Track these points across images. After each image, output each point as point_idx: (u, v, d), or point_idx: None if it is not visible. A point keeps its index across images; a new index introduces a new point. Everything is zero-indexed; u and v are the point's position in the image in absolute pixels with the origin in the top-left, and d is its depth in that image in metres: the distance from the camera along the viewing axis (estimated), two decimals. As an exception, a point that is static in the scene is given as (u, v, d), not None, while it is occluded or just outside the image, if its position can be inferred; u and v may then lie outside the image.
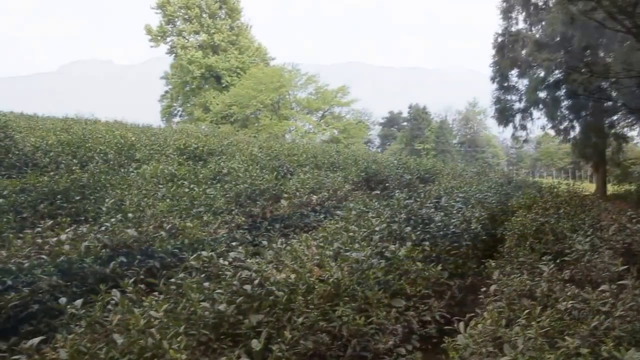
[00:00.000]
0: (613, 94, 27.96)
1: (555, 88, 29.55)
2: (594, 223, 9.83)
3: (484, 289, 6.67)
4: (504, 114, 32.15)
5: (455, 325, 5.12)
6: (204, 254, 6.91)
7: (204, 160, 17.65)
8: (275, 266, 6.48)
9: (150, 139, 20.87)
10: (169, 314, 5.21)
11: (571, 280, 6.90)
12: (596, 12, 19.48)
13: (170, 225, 8.53)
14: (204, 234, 8.54)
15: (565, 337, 4.62)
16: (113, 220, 8.55)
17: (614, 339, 4.65)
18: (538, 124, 32.61)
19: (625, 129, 31.23)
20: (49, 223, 8.32)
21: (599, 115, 29.91)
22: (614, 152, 31.62)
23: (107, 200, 10.21)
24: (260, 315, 5.54)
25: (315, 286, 6.10)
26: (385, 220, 9.38)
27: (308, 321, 5.55)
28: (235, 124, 58.84)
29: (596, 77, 25.91)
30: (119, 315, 5.01)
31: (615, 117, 30.21)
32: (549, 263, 6.99)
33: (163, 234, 8.07)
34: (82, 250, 7.01)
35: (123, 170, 13.92)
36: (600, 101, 28.74)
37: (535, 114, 31.76)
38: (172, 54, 67.54)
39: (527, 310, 5.26)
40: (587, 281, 6.93)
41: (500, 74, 31.46)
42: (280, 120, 58.80)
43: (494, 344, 4.72)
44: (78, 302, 5.34)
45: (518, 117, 32.25)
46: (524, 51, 29.88)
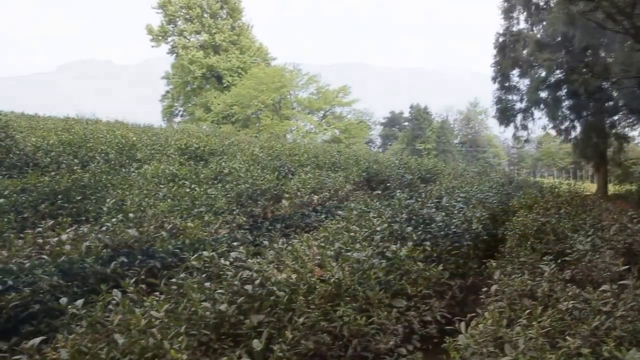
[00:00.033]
0: (614, 94, 28.02)
1: (557, 88, 29.62)
2: (595, 223, 9.82)
3: (485, 289, 6.66)
4: (505, 114, 32.20)
5: (456, 325, 5.12)
6: (205, 254, 6.90)
7: (205, 160, 17.65)
8: (276, 266, 6.48)
9: (152, 138, 20.87)
10: (170, 314, 5.21)
11: (572, 280, 6.90)
12: (597, 12, 19.53)
13: (171, 225, 8.52)
14: (205, 234, 8.53)
15: (567, 337, 4.62)
16: (114, 220, 8.54)
17: (615, 339, 4.65)
18: (539, 124, 32.70)
19: (626, 129, 31.32)
20: (50, 223, 8.32)
21: (600, 115, 29.97)
22: (615, 152, 31.67)
23: (108, 200, 10.20)
24: (261, 315, 5.54)
25: (317, 286, 6.09)
26: (386, 220, 9.38)
27: (309, 321, 5.54)
28: (236, 124, 58.84)
29: (597, 78, 25.99)
30: (120, 316, 5.01)
31: (616, 117, 30.30)
32: (550, 263, 6.99)
33: (164, 234, 8.06)
34: (83, 250, 7.01)
35: (124, 170, 13.92)
36: (601, 101, 28.81)
37: (536, 114, 31.89)
38: (173, 54, 67.56)
39: (528, 310, 5.26)
40: (588, 281, 6.93)
41: (501, 73, 31.52)
42: (281, 120, 58.80)
43: (495, 344, 4.72)
44: (79, 302, 5.34)
45: (519, 117, 32.36)
46: (525, 51, 29.95)
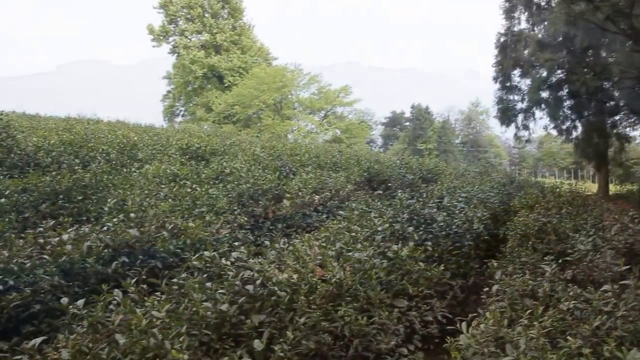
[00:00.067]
0: (615, 94, 28.02)
1: (558, 88, 29.61)
2: (596, 223, 9.81)
3: (486, 289, 6.66)
4: (506, 114, 32.19)
5: (458, 325, 5.12)
6: (206, 254, 6.89)
7: (206, 160, 17.64)
8: (277, 266, 6.47)
9: (153, 138, 20.87)
10: (171, 314, 5.21)
11: (573, 280, 6.90)
12: (597, 13, 19.53)
13: (172, 225, 8.51)
14: (206, 234, 8.52)
15: (568, 337, 4.62)
16: (115, 220, 8.53)
17: (616, 339, 4.64)
18: (540, 124, 32.69)
19: (628, 129, 31.33)
20: (51, 223, 8.32)
21: (601, 116, 29.97)
22: (616, 152, 31.67)
23: (110, 200, 10.19)
24: (263, 315, 5.54)
25: (318, 286, 6.09)
26: (387, 220, 9.37)
27: (310, 321, 5.54)
28: (237, 124, 58.91)
29: (598, 78, 25.98)
30: (121, 316, 5.01)
31: (617, 117, 30.31)
32: (551, 263, 6.98)
33: (165, 234, 8.05)
34: (84, 250, 7.01)
35: (125, 170, 13.91)
36: (603, 101, 28.81)
37: (537, 113, 31.88)
38: (175, 54, 67.61)
39: (530, 310, 5.26)
40: (590, 281, 6.92)
41: (502, 73, 31.50)
42: (282, 120, 58.85)
43: (496, 344, 4.71)
44: (80, 302, 5.34)
45: (520, 117, 32.34)
46: (526, 51, 29.94)
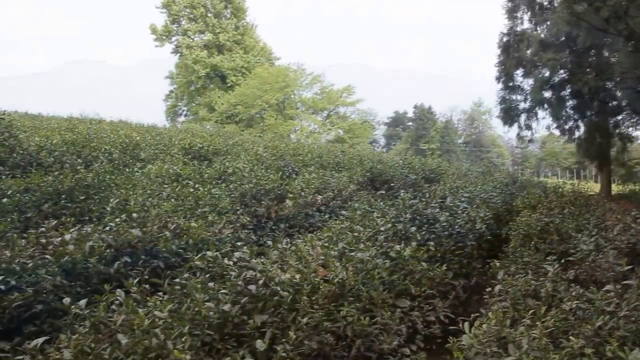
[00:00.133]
0: (618, 94, 27.99)
1: (560, 88, 29.59)
2: (598, 223, 9.80)
3: (489, 289, 6.66)
4: (509, 114, 32.15)
5: (460, 326, 5.11)
6: (209, 254, 6.90)
7: (209, 160, 17.64)
8: (280, 266, 6.47)
9: (155, 138, 20.88)
10: (173, 314, 5.21)
11: (576, 280, 6.89)
12: (599, 13, 19.53)
13: (174, 225, 8.52)
14: (209, 234, 8.53)
15: (570, 337, 4.61)
16: (117, 220, 8.54)
17: (619, 339, 4.64)
18: (543, 124, 32.69)
19: (630, 128, 31.28)
20: (53, 223, 8.33)
21: (603, 115, 29.95)
22: (619, 152, 31.63)
23: (112, 200, 10.20)
24: (265, 315, 5.54)
25: (320, 286, 6.09)
26: (390, 220, 9.37)
27: (312, 321, 5.54)
28: (240, 124, 58.94)
29: (600, 77, 25.95)
30: (123, 316, 5.02)
31: (619, 117, 30.28)
32: (554, 263, 6.97)
33: (167, 234, 8.05)
34: (86, 250, 7.01)
35: (128, 170, 13.91)
36: (605, 101, 28.78)
37: (540, 113, 31.85)
38: (177, 54, 67.63)
39: (532, 310, 5.25)
40: (592, 281, 6.91)
41: (505, 73, 31.46)
42: (285, 120, 58.85)
43: (499, 344, 4.71)
44: (82, 302, 5.34)
45: (523, 117, 32.29)
46: (529, 51, 29.91)
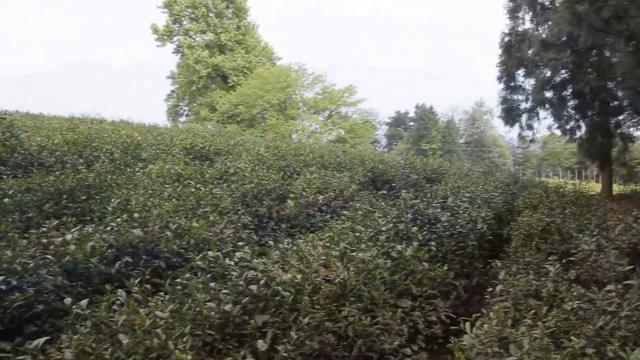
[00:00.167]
0: (619, 94, 27.98)
1: (562, 88, 29.59)
2: (600, 223, 9.80)
3: (490, 289, 6.66)
4: (510, 114, 32.14)
5: (461, 326, 5.11)
6: (210, 254, 6.90)
7: (210, 159, 17.62)
8: (281, 266, 6.47)
9: (157, 138, 20.82)
10: (175, 314, 5.21)
11: (577, 280, 6.89)
12: (600, 13, 19.54)
13: (176, 225, 8.51)
14: (210, 234, 8.52)
15: (571, 337, 4.61)
16: (119, 220, 8.53)
17: (620, 339, 4.64)
18: (544, 124, 32.66)
19: (631, 128, 31.25)
20: (55, 223, 8.32)
21: (605, 115, 29.94)
22: (620, 152, 31.60)
23: (113, 200, 10.19)
24: (266, 315, 5.55)
25: (321, 286, 6.09)
26: (391, 220, 9.37)
27: (314, 321, 5.54)
28: (241, 124, 58.91)
29: (602, 77, 25.95)
30: (124, 316, 5.02)
31: (621, 117, 30.25)
32: (555, 263, 6.97)
33: (169, 234, 8.05)
34: (88, 250, 7.01)
35: (129, 169, 13.88)
36: (606, 101, 28.76)
37: (541, 113, 31.84)
38: (179, 54, 67.60)
39: (533, 311, 5.26)
40: (593, 281, 6.91)
41: (506, 73, 31.45)
42: (286, 120, 58.81)
43: (500, 344, 4.71)
44: (83, 303, 5.34)
45: (524, 117, 32.28)
46: (530, 51, 29.91)
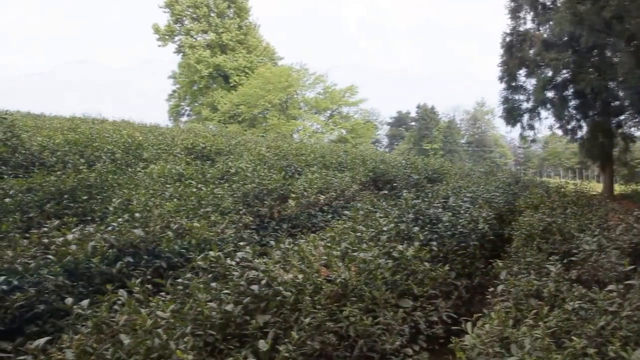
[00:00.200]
0: (620, 94, 27.97)
1: (563, 88, 29.59)
2: (601, 223, 9.81)
3: (491, 289, 6.66)
4: (511, 114, 32.14)
5: (463, 326, 5.11)
6: (211, 254, 6.90)
7: (211, 159, 17.61)
8: (282, 266, 6.47)
9: (158, 138, 20.79)
10: (176, 315, 5.21)
11: (578, 280, 6.89)
12: (603, 12, 19.55)
13: (177, 225, 8.51)
14: (212, 234, 8.51)
15: (572, 337, 4.61)
16: (120, 220, 8.52)
17: (621, 339, 4.64)
18: (546, 124, 32.65)
19: (633, 128, 31.21)
20: (56, 223, 8.31)
21: (606, 115, 29.91)
22: (621, 152, 31.57)
23: (114, 200, 10.17)
24: (268, 315, 5.55)
25: (323, 286, 6.09)
26: (393, 220, 9.37)
27: (315, 321, 5.54)
28: (243, 124, 58.86)
29: (603, 77, 25.93)
30: (125, 316, 5.02)
31: (622, 117, 30.22)
32: (556, 263, 6.97)
33: (170, 234, 8.05)
34: (89, 250, 7.01)
35: (130, 169, 13.86)
36: (608, 101, 28.75)
37: (543, 113, 31.83)
38: (180, 53, 67.58)
39: (535, 311, 5.26)
40: (594, 281, 6.92)
41: (508, 73, 31.44)
42: (288, 120, 58.77)
43: (501, 344, 4.71)
44: (84, 303, 5.35)
45: (526, 117, 32.27)
46: (531, 51, 29.89)
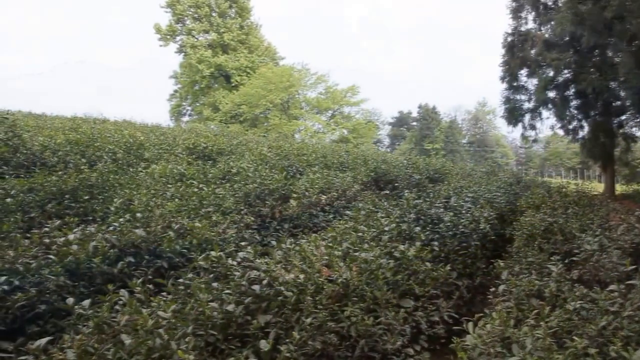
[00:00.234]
0: (621, 94, 27.94)
1: (564, 88, 29.56)
2: (602, 223, 9.80)
3: (493, 289, 6.65)
4: (513, 114, 32.12)
5: (464, 326, 5.11)
6: (213, 254, 6.89)
7: (213, 159, 17.60)
8: (284, 266, 6.46)
9: (159, 138, 20.77)
10: (177, 315, 5.21)
11: (580, 280, 6.89)
12: (605, 12, 19.56)
13: (178, 225, 8.50)
14: (213, 234, 8.50)
15: (574, 337, 4.61)
16: (121, 220, 8.51)
17: (622, 339, 4.63)
18: (547, 124, 32.76)
19: (634, 128, 31.18)
20: (57, 223, 8.30)
21: (607, 115, 29.87)
22: (623, 152, 31.54)
23: (116, 200, 10.16)
24: (269, 315, 5.54)
25: (324, 286, 6.09)
26: (394, 220, 9.36)
27: (316, 321, 5.54)
28: (244, 124, 58.83)
29: (604, 77, 25.92)
30: (126, 316, 5.02)
31: (623, 117, 30.18)
32: (558, 263, 6.97)
33: (171, 233, 8.04)
34: (90, 250, 7.00)
35: (132, 169, 13.85)
36: (609, 101, 28.72)
37: (544, 113, 31.82)
38: (182, 53, 67.58)
39: (536, 311, 5.25)
40: (596, 281, 6.91)
41: (509, 73, 31.43)
42: (289, 120, 58.74)
43: (503, 344, 4.70)
44: (86, 303, 5.34)
45: (527, 117, 32.26)
46: (533, 51, 29.88)
